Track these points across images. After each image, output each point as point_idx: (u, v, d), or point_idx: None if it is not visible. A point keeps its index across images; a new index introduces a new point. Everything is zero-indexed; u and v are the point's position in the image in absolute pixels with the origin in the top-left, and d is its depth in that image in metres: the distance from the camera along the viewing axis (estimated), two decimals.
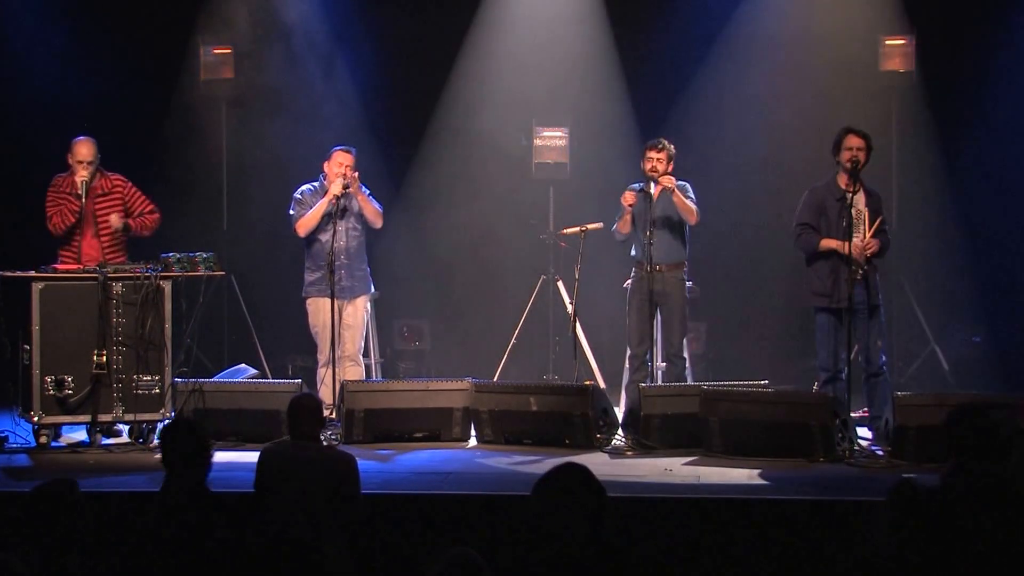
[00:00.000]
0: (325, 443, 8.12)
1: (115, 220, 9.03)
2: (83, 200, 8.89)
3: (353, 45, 11.23)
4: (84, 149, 8.98)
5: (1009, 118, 10.54)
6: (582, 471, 4.25)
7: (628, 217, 9.17)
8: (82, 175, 8.91)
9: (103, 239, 9.04)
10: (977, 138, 10.63)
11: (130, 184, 9.19)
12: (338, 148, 9.32)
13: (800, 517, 6.51)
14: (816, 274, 8.58)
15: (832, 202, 8.50)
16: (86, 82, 10.83)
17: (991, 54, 10.68)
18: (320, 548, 5.67)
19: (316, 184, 9.37)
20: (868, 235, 8.39)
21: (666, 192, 9.13)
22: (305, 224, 9.25)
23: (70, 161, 9.02)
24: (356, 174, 9.17)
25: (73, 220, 8.94)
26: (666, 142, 9.19)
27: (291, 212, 9.37)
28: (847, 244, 8.26)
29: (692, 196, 9.19)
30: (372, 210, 9.29)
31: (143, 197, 9.21)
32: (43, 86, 10.75)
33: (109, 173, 9.12)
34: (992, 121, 10.55)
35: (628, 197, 9.09)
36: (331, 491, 5.83)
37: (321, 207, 9.17)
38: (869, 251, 8.38)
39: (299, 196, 9.35)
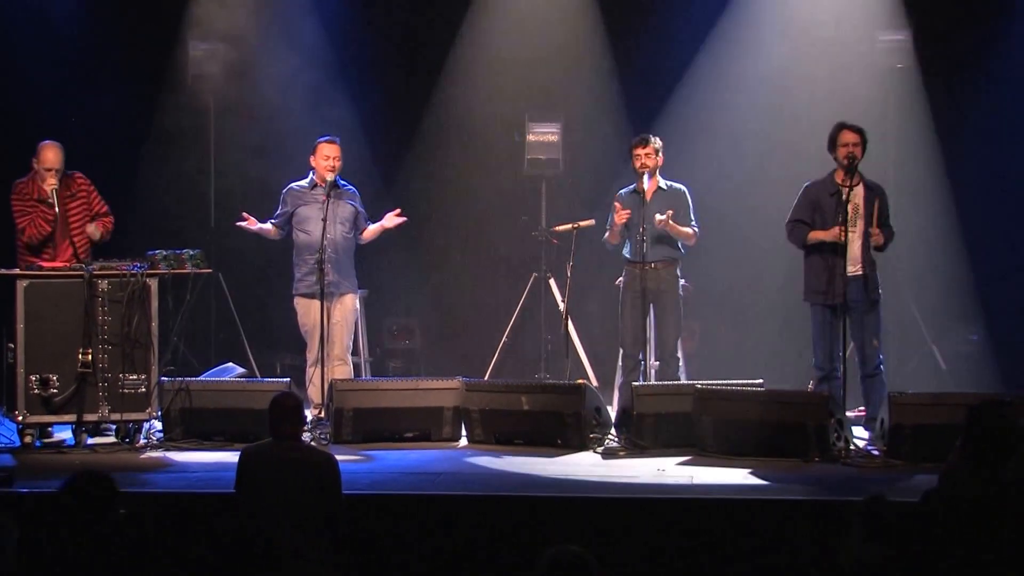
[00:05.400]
0: (314, 443, 8.15)
1: (92, 230, 8.87)
2: (56, 209, 8.75)
3: (344, 41, 11.15)
4: (51, 155, 8.79)
5: (1007, 113, 10.46)
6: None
7: (617, 228, 9.10)
8: (51, 183, 8.75)
9: (77, 243, 8.88)
10: (975, 134, 10.54)
11: (91, 183, 9.03)
12: (322, 139, 9.27)
13: (795, 518, 6.46)
14: (812, 271, 8.53)
15: (827, 198, 8.45)
16: (74, 78, 10.74)
17: (988, 49, 10.60)
18: (301, 549, 5.62)
19: (305, 182, 9.29)
20: (874, 226, 8.30)
21: (660, 193, 9.05)
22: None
23: (35, 166, 8.84)
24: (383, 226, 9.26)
25: (49, 230, 8.81)
26: (652, 137, 9.13)
27: (275, 214, 9.31)
28: (837, 230, 8.20)
29: (690, 203, 9.13)
30: (374, 238, 9.37)
31: (100, 197, 9.06)
32: (29, 81, 10.63)
33: (71, 172, 8.95)
34: (990, 117, 10.46)
35: (621, 215, 9.00)
36: (312, 492, 5.80)
37: (269, 232, 9.22)
38: (874, 241, 8.29)
39: (282, 196, 9.31)
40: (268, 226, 9.26)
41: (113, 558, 5.16)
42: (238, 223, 9.24)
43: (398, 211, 9.30)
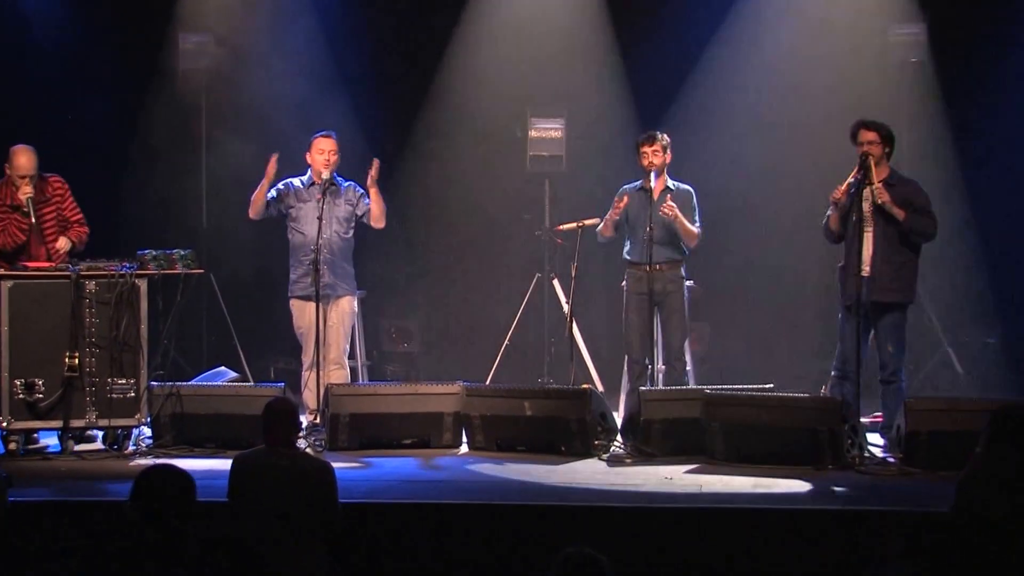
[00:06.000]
0: (310, 449, 8.10)
1: (63, 244, 8.71)
2: (32, 219, 8.60)
3: (341, 35, 11.06)
4: (24, 160, 8.61)
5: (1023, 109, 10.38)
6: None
7: (612, 221, 8.98)
8: (26, 191, 8.59)
9: (51, 248, 8.72)
10: (990, 130, 10.49)
11: (67, 187, 8.87)
12: (318, 135, 9.13)
13: (808, 528, 6.39)
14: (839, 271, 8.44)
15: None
16: (65, 78, 10.65)
17: (1003, 43, 10.53)
18: (296, 559, 5.57)
19: (304, 178, 9.16)
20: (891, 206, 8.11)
21: (666, 193, 8.91)
22: (252, 202, 9.00)
23: (7, 171, 8.69)
24: (376, 162, 8.95)
25: (24, 239, 8.67)
26: (659, 134, 9.03)
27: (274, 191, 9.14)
28: (839, 190, 8.14)
29: (696, 206, 9.01)
30: (382, 208, 9.06)
31: (75, 205, 8.90)
32: (16, 80, 10.54)
33: (46, 175, 8.79)
34: (1006, 113, 10.40)
35: (618, 209, 8.89)
36: (307, 500, 5.76)
37: (263, 187, 8.92)
38: (880, 196, 8.08)
39: (280, 186, 9.11)
40: (266, 191, 8.98)
41: (104, 567, 5.02)
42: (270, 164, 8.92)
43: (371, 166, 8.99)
